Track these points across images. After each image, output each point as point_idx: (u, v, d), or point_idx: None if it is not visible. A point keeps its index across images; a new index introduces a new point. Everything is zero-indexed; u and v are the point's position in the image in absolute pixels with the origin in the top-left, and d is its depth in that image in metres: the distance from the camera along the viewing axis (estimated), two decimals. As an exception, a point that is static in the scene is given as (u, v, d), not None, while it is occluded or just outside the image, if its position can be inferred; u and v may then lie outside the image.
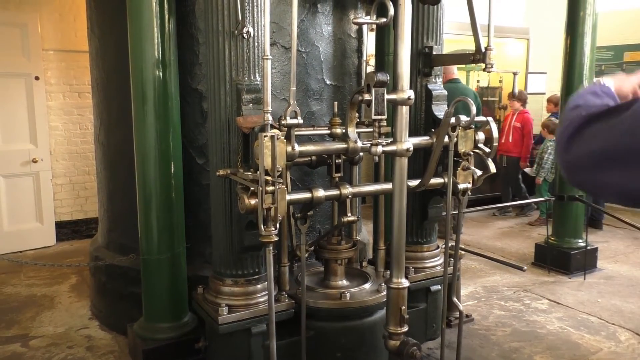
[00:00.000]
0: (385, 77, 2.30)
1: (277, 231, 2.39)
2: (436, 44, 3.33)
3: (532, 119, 7.85)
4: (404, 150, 2.40)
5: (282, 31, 3.56)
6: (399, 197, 2.44)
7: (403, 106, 2.40)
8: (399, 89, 2.37)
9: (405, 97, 2.36)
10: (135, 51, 3.30)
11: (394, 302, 2.47)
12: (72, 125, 6.49)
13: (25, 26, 5.99)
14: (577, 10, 5.30)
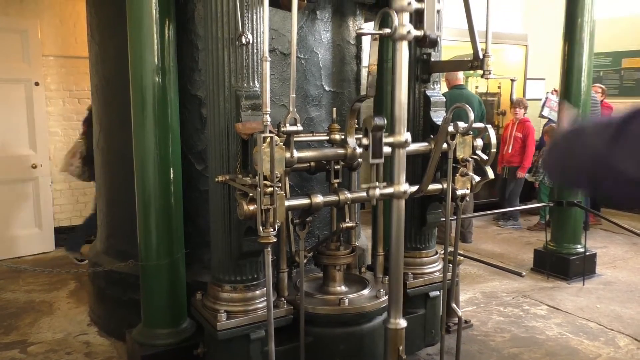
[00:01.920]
0: (383, 121, 2.31)
1: (275, 232, 2.39)
2: (434, 50, 3.34)
3: (533, 128, 7.81)
4: (401, 193, 2.39)
5: (281, 38, 3.58)
6: (396, 239, 2.42)
7: (400, 149, 2.39)
8: (396, 132, 2.36)
9: (402, 140, 2.35)
10: (134, 57, 3.31)
11: (392, 342, 2.44)
12: (71, 131, 6.49)
13: (26, 32, 6.01)
14: (575, 17, 5.33)
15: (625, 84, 9.14)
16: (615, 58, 9.23)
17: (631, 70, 9.08)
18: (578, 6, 5.29)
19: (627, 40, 8.98)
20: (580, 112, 5.42)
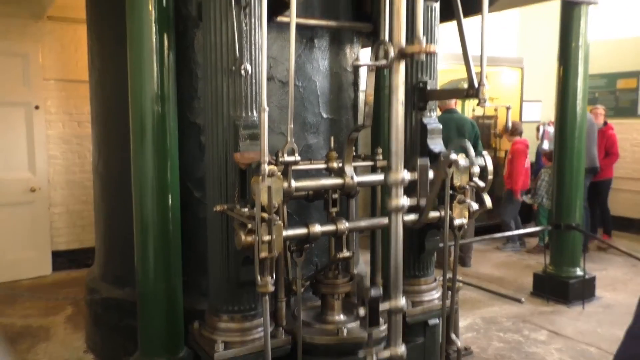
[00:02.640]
0: (379, 292, 2.33)
1: (273, 280, 2.41)
2: (430, 78, 3.37)
3: (521, 148, 7.83)
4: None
5: (279, 66, 3.62)
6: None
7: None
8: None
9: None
10: (134, 84, 3.34)
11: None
12: (71, 154, 6.52)
13: (27, 56, 6.07)
14: (569, 41, 5.40)
15: (621, 104, 9.21)
16: (610, 79, 9.31)
17: (626, 91, 9.15)
18: (572, 31, 5.36)
19: (622, 61, 9.07)
20: (577, 135, 5.45)
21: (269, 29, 3.26)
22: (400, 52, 2.27)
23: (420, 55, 2.41)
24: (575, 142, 5.43)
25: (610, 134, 7.89)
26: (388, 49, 2.31)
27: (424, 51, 2.39)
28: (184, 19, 3.50)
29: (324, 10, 3.81)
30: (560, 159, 5.55)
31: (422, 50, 2.36)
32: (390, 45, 2.32)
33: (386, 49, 2.27)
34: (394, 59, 2.27)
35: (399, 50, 2.26)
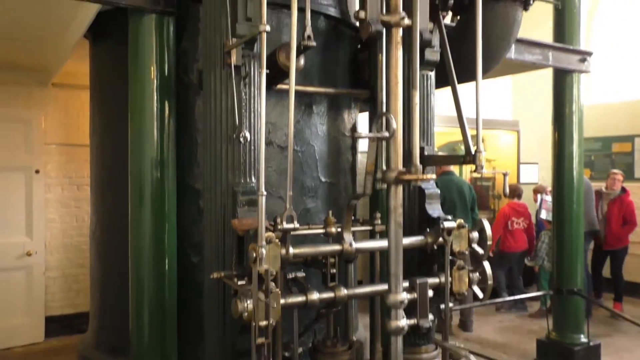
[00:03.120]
0: None
1: None
2: (427, 144, 3.42)
3: (505, 210, 7.85)
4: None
5: (278, 131, 3.67)
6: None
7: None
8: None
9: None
10: (134, 151, 3.39)
11: None
12: (69, 217, 6.51)
13: (30, 122, 6.17)
14: (563, 107, 5.51)
15: (617, 167, 9.29)
16: (605, 143, 9.44)
17: (622, 155, 9.26)
18: (565, 98, 5.48)
19: (616, 125, 9.23)
20: (575, 199, 5.47)
21: (269, 96, 3.34)
22: (398, 179, 2.31)
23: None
24: (574, 206, 5.45)
25: (628, 201, 7.79)
26: (390, 121, 2.35)
27: (421, 178, 2.45)
28: (185, 87, 3.58)
29: (322, 78, 3.91)
30: (559, 224, 5.55)
31: (419, 177, 2.43)
32: (392, 117, 2.37)
33: (388, 119, 2.31)
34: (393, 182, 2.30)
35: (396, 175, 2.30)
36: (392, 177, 2.36)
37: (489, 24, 3.60)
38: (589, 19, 9.83)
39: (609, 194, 7.92)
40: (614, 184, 7.81)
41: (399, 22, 2.47)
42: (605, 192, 8.00)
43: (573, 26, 5.45)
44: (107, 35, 4.10)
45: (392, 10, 2.51)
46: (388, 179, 2.41)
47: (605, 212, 7.81)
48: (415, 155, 2.62)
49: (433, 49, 3.36)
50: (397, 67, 2.43)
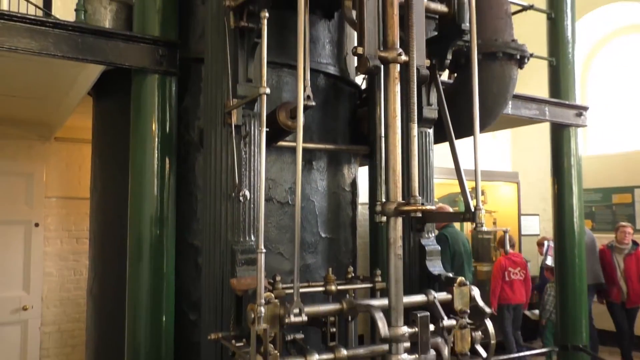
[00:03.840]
0: None
1: None
2: (427, 200, 3.42)
3: (501, 262, 7.77)
4: None
5: (278, 187, 3.68)
6: None
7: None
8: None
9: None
10: (134, 207, 3.39)
11: None
12: (66, 271, 6.45)
13: (31, 176, 6.20)
14: (561, 160, 5.55)
15: (618, 219, 9.27)
16: (605, 194, 9.46)
17: (622, 206, 9.26)
18: (563, 151, 5.53)
19: (616, 176, 9.27)
20: (577, 253, 5.43)
21: (268, 152, 3.38)
22: (397, 210, 2.36)
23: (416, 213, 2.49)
24: (576, 260, 5.41)
25: None
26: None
27: (421, 209, 2.50)
28: (186, 144, 3.62)
29: (322, 134, 3.95)
30: (562, 278, 5.49)
31: (419, 208, 2.48)
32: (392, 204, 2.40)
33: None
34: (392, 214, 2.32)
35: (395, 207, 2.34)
36: (391, 209, 2.39)
37: (485, 82, 3.67)
38: (584, 73, 10.04)
39: (622, 248, 7.81)
40: (624, 238, 7.72)
41: (396, 58, 2.60)
42: (617, 246, 7.88)
43: (568, 82, 5.56)
44: (110, 92, 4.17)
45: (390, 47, 2.64)
46: (387, 212, 2.42)
47: (623, 269, 7.69)
48: (414, 187, 2.65)
49: (431, 107, 3.42)
50: (395, 102, 2.56)
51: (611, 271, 7.75)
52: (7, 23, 2.85)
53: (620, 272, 7.68)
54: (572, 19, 5.71)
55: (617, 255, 7.81)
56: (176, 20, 3.53)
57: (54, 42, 2.99)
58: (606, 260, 7.83)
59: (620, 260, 7.75)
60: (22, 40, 2.91)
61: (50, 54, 2.98)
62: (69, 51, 3.03)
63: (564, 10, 5.63)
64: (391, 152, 2.58)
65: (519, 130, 9.92)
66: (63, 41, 3.01)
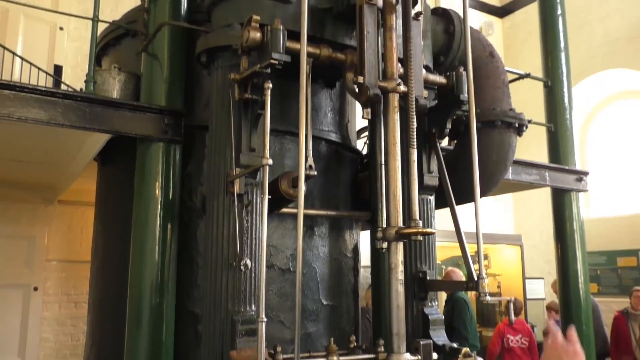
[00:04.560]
0: None
1: None
2: (430, 268, 3.40)
3: (500, 327, 7.57)
4: None
5: (279, 254, 3.66)
6: None
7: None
8: None
9: None
10: (135, 273, 3.37)
11: None
12: (63, 336, 6.34)
13: (33, 239, 6.20)
14: (564, 224, 5.54)
15: (624, 282, 9.15)
16: (610, 257, 9.38)
17: (627, 269, 9.16)
18: (565, 215, 5.52)
19: (620, 239, 9.22)
20: (584, 319, 5.33)
21: (270, 219, 3.39)
22: (398, 234, 2.40)
23: (417, 236, 2.53)
24: (583, 327, 5.29)
25: None
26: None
27: (421, 232, 2.50)
28: (189, 210, 3.63)
29: (324, 200, 3.97)
30: (569, 345, 5.35)
31: (419, 231, 2.50)
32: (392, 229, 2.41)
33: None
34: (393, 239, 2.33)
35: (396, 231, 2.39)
36: (392, 234, 2.47)
37: (485, 150, 3.72)
38: (582, 136, 10.19)
39: (637, 315, 7.53)
40: (639, 303, 7.50)
41: (395, 88, 2.76)
42: (632, 312, 7.58)
43: (567, 147, 5.63)
44: (115, 158, 4.24)
45: (389, 77, 2.80)
46: (388, 237, 2.49)
47: (639, 336, 7.43)
48: (414, 211, 2.70)
49: (432, 174, 3.46)
50: (395, 129, 2.71)
51: (625, 339, 7.44)
52: (18, 94, 2.94)
53: (635, 341, 7.42)
54: (569, 86, 5.84)
55: (633, 323, 7.52)
56: (182, 89, 3.63)
57: (63, 112, 3.07)
58: (621, 328, 7.49)
59: (636, 328, 7.47)
60: (32, 111, 2.99)
61: (59, 123, 3.05)
62: (77, 121, 3.10)
63: (560, 78, 5.77)
64: (391, 178, 2.68)
65: (520, 192, 9.97)
66: (71, 111, 3.09)
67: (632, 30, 9.30)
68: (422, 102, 2.93)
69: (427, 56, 3.59)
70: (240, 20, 2.98)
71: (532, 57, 7.09)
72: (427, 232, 2.64)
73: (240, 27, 2.89)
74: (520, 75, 5.74)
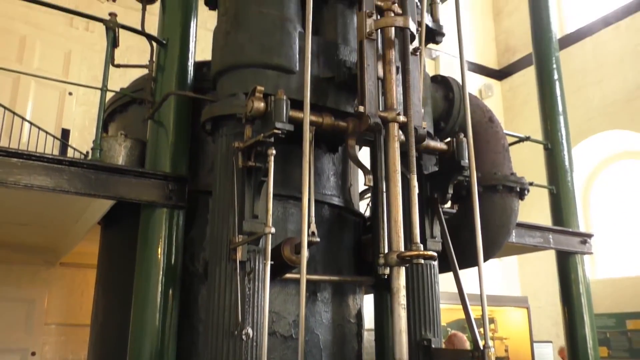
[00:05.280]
0: None
1: None
2: (435, 335, 3.34)
3: None
4: None
5: (281, 320, 3.61)
6: None
7: None
8: None
9: None
10: (135, 339, 3.32)
11: None
12: (59, 406, 6.16)
13: (33, 302, 6.13)
14: (569, 288, 5.47)
15: (634, 346, 8.93)
16: (619, 319, 9.18)
17: (637, 332, 8.95)
18: (570, 278, 5.47)
19: (628, 301, 9.05)
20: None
21: (272, 284, 3.35)
22: (400, 257, 2.53)
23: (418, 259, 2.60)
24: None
25: None
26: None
27: (422, 254, 2.60)
28: (191, 275, 3.61)
29: (327, 265, 3.95)
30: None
31: (420, 253, 2.59)
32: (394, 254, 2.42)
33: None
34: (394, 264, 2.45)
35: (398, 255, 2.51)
36: (394, 259, 2.58)
37: (487, 214, 3.74)
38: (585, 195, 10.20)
39: None
40: None
41: (395, 118, 2.93)
42: None
43: (569, 209, 5.63)
44: (118, 222, 4.25)
45: (389, 108, 2.97)
46: (390, 261, 2.59)
47: None
48: (415, 234, 2.77)
49: (434, 239, 3.46)
50: (395, 157, 2.86)
51: None
52: (26, 162, 2.99)
53: None
54: (568, 148, 5.91)
55: None
56: (187, 155, 3.68)
57: (68, 179, 3.11)
58: None
59: None
60: (38, 178, 3.03)
61: (64, 190, 3.09)
62: (82, 188, 3.14)
63: (559, 140, 5.85)
64: (392, 204, 2.78)
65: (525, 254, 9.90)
66: (77, 178, 3.13)
67: (628, 93, 9.48)
68: (421, 131, 3.11)
69: (428, 122, 3.67)
70: (244, 90, 3.06)
71: (532, 117, 7.21)
72: (428, 255, 2.68)
73: (245, 97, 2.97)
74: (520, 139, 5.83)
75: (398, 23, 3.08)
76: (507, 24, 12.17)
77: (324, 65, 3.37)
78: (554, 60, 6.07)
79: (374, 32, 3.08)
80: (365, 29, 3.05)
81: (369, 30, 3.05)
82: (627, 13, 9.68)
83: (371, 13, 3.09)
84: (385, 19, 3.10)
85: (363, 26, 3.06)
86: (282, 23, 3.25)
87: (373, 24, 3.07)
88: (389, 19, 3.09)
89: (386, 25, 3.10)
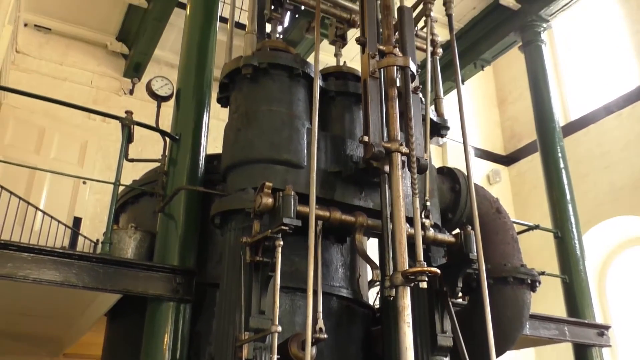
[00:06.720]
0: None
1: None
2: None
3: None
4: None
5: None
6: None
7: None
8: None
9: None
10: None
11: None
12: None
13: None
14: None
15: None
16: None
17: None
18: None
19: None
20: None
21: None
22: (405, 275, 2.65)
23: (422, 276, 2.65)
24: None
25: None
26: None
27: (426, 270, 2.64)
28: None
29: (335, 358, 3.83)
30: None
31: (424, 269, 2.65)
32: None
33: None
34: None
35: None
36: (399, 278, 2.66)
37: (498, 306, 3.65)
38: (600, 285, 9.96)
39: None
40: None
41: (398, 149, 3.08)
42: None
43: (584, 299, 5.51)
44: (125, 314, 4.20)
45: (392, 139, 3.13)
46: (395, 281, 2.68)
47: None
48: (419, 254, 2.83)
49: (445, 334, 3.37)
50: (399, 184, 2.98)
51: None
52: (36, 256, 3.02)
53: None
54: (579, 236, 5.86)
55: None
56: (195, 247, 3.70)
57: (77, 273, 3.12)
58: None
59: None
60: (47, 272, 3.04)
61: (72, 284, 3.09)
62: (90, 282, 3.14)
63: (569, 228, 5.82)
64: (397, 227, 2.87)
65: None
66: (85, 272, 3.14)
67: (636, 179, 9.49)
68: (423, 162, 3.25)
69: (435, 214, 3.68)
70: (253, 185, 3.13)
71: (542, 202, 7.17)
72: (432, 271, 2.63)
73: (254, 192, 3.03)
74: (530, 227, 5.80)
75: (399, 63, 3.30)
76: (511, 112, 12.42)
77: (332, 160, 3.46)
78: (559, 149, 6.17)
79: (377, 71, 3.29)
80: (369, 68, 3.26)
81: (372, 69, 3.27)
82: (629, 102, 9.87)
83: (374, 54, 3.31)
84: (387, 59, 3.33)
85: (367, 66, 3.27)
86: (290, 120, 3.38)
87: (376, 64, 3.29)
88: (391, 59, 3.32)
89: (388, 65, 3.31)
